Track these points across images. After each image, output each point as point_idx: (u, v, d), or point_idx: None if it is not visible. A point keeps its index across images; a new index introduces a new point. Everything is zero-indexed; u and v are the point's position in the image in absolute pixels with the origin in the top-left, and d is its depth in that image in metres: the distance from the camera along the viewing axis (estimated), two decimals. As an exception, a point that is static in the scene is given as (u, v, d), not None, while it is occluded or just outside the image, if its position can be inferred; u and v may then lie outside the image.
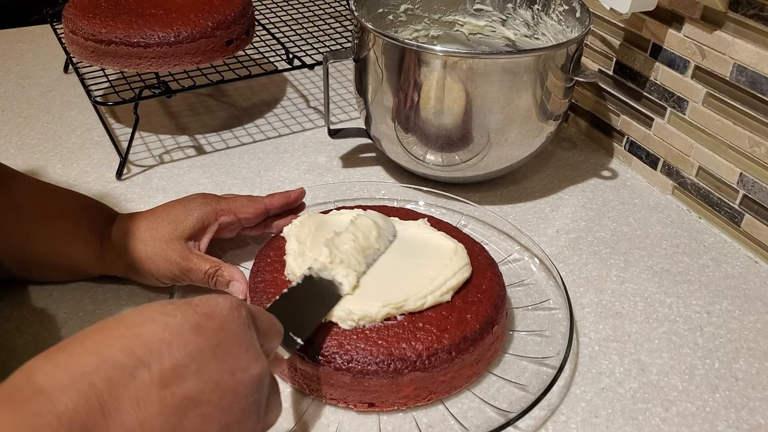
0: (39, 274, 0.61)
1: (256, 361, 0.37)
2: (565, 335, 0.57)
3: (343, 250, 0.54)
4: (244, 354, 0.36)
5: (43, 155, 0.81)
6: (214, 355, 0.34)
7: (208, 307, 0.36)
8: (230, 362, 0.35)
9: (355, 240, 0.56)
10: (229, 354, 0.35)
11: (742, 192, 0.70)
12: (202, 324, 0.35)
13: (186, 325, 0.34)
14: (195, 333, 0.34)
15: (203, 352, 0.34)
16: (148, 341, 0.33)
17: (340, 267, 0.53)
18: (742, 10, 0.65)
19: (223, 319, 0.36)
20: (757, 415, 0.54)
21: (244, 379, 0.35)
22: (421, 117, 0.70)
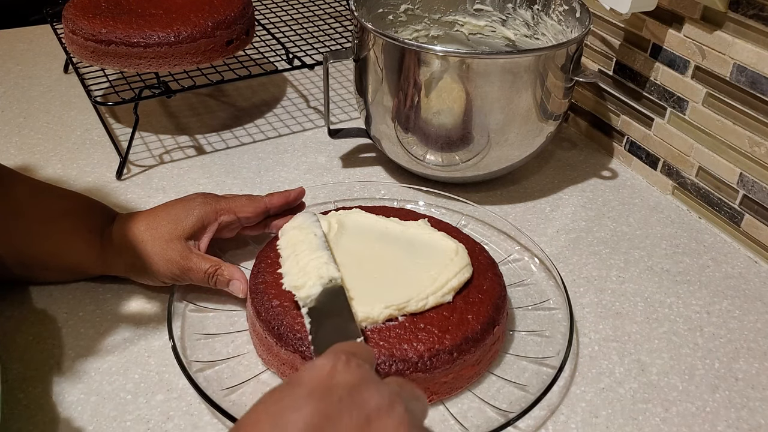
0: (39, 275, 0.61)
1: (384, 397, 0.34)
2: (565, 335, 0.57)
3: (297, 270, 0.53)
4: (369, 397, 0.33)
5: (43, 155, 0.81)
6: (340, 414, 0.32)
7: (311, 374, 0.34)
8: (358, 412, 0.32)
9: (297, 255, 0.55)
10: (353, 404, 0.33)
11: (742, 192, 0.70)
12: (314, 389, 0.33)
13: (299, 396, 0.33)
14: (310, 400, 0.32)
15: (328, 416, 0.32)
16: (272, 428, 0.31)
17: (312, 277, 0.52)
18: (742, 10, 0.65)
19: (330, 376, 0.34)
20: (757, 415, 0.54)
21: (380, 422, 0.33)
22: (421, 117, 0.70)
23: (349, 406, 0.32)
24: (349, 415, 0.32)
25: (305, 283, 0.52)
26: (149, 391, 0.53)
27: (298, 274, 0.53)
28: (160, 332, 0.58)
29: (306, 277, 0.52)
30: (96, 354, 0.56)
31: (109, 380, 0.54)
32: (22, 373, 0.54)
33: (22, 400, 0.52)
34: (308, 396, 0.32)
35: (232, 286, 0.58)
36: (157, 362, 0.55)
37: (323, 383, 0.33)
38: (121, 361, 0.55)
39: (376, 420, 0.32)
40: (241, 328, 0.58)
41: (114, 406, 0.52)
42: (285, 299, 0.54)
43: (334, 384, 0.33)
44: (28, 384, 0.53)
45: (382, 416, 0.32)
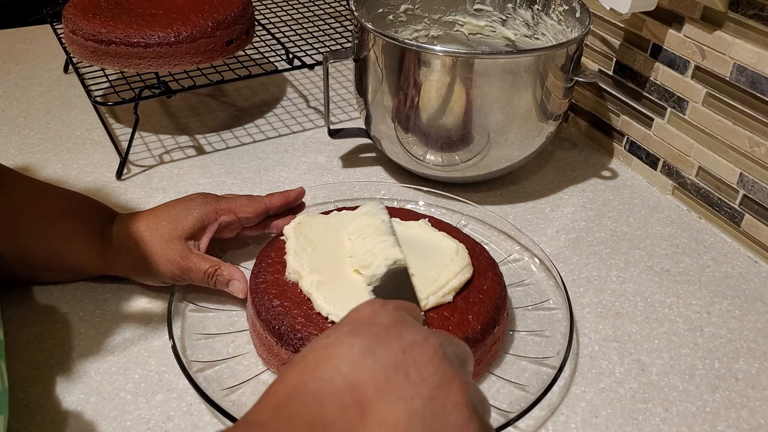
0: (39, 275, 0.61)
1: (420, 332, 0.37)
2: (565, 335, 0.57)
3: (364, 252, 0.55)
4: (405, 332, 0.36)
5: (43, 155, 0.81)
6: (379, 345, 0.35)
7: (352, 315, 0.38)
8: (396, 344, 0.35)
9: (364, 237, 0.57)
10: (390, 338, 0.35)
11: (742, 192, 0.70)
12: (353, 327, 0.36)
13: (341, 335, 0.36)
14: (352, 336, 0.35)
15: (368, 347, 0.35)
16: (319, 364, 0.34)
17: (379, 258, 0.54)
18: (742, 10, 0.65)
19: (370, 316, 0.37)
20: (757, 415, 0.54)
21: (416, 350, 0.35)
22: (421, 117, 0.70)
23: (386, 339, 0.35)
24: (387, 347, 0.35)
25: (371, 263, 0.54)
26: (149, 391, 0.53)
27: (365, 256, 0.55)
28: (160, 332, 0.58)
29: (372, 258, 0.54)
30: (96, 354, 0.56)
31: (109, 380, 0.54)
32: (22, 373, 0.54)
33: (22, 400, 0.52)
34: (349, 333, 0.35)
35: (232, 286, 0.58)
36: (157, 362, 0.55)
37: (363, 323, 0.36)
38: (121, 361, 0.55)
39: (410, 351, 0.35)
40: (241, 328, 0.58)
41: (114, 406, 0.52)
42: (285, 299, 0.54)
43: (373, 323, 0.36)
44: (28, 384, 0.53)
45: (416, 347, 0.35)
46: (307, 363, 0.35)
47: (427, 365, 0.34)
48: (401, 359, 0.34)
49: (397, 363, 0.34)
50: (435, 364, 0.35)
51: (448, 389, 0.34)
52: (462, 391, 0.34)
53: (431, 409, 0.33)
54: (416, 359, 0.34)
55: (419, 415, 0.33)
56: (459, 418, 0.33)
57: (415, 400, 0.33)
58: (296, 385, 0.34)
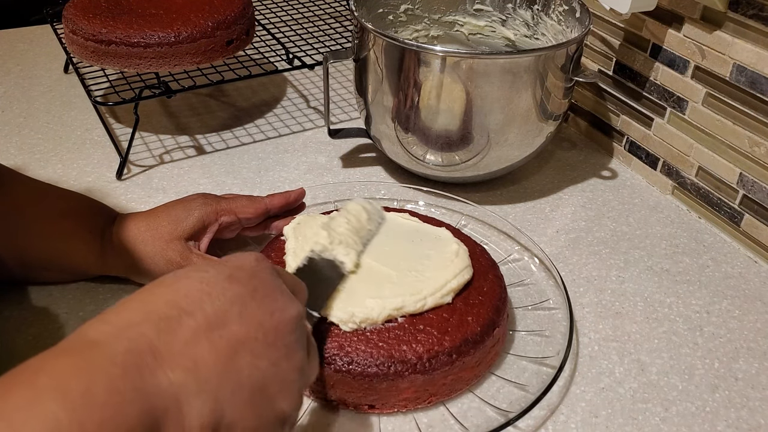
0: (39, 275, 0.61)
1: (291, 303, 0.39)
2: (564, 335, 0.57)
3: (340, 232, 0.56)
4: (279, 297, 0.38)
5: (43, 155, 0.81)
6: (253, 299, 0.37)
7: (237, 261, 0.39)
8: (268, 304, 0.37)
9: (348, 222, 0.58)
10: (265, 297, 0.37)
11: (742, 192, 0.70)
12: (234, 275, 0.37)
13: (220, 276, 0.37)
14: (230, 282, 0.37)
15: (242, 297, 0.36)
16: (188, 294, 0.35)
17: (339, 247, 0.55)
18: (742, 10, 0.65)
19: (253, 269, 0.39)
20: (757, 415, 0.54)
21: (284, 318, 0.38)
22: (421, 117, 0.70)
23: (261, 297, 0.37)
24: (259, 304, 0.37)
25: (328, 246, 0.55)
26: (149, 391, 0.53)
27: (331, 235, 0.56)
28: (160, 332, 0.58)
29: (336, 244, 0.55)
30: (96, 354, 0.56)
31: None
32: (22, 373, 0.54)
33: (22, 400, 0.52)
34: (228, 278, 0.37)
35: (232, 285, 0.58)
36: (157, 362, 0.55)
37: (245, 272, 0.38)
38: (121, 361, 0.55)
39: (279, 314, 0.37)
40: (241, 328, 0.58)
41: (114, 406, 0.52)
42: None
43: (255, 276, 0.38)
44: (28, 384, 0.53)
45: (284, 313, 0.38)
46: (176, 290, 0.36)
47: (285, 335, 0.37)
48: (267, 320, 0.37)
49: (262, 322, 0.36)
50: (292, 338, 0.38)
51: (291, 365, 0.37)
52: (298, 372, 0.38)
53: (272, 373, 0.36)
54: (279, 326, 0.37)
55: (261, 373, 0.35)
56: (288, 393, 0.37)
57: (262, 360, 0.36)
58: (153, 306, 0.34)
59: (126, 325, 0.33)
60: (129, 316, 0.34)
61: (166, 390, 0.31)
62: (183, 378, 0.32)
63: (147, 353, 0.32)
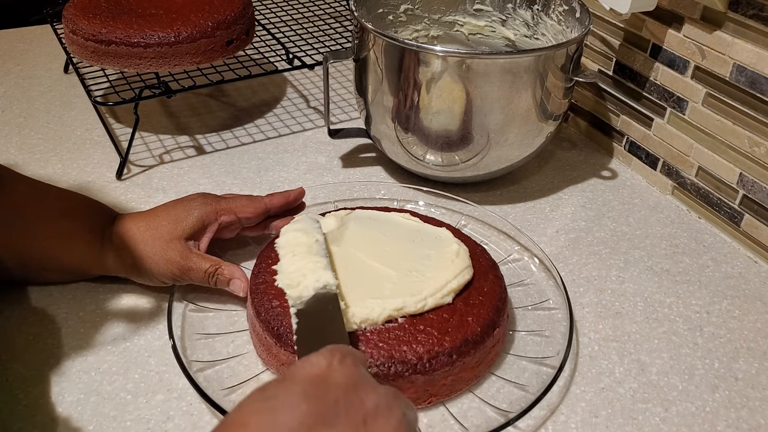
0: (39, 275, 0.61)
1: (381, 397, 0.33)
2: (564, 335, 0.57)
3: (295, 269, 0.53)
4: (366, 397, 0.32)
5: (43, 155, 0.81)
6: (338, 414, 0.31)
7: (305, 372, 0.33)
8: (356, 412, 0.31)
9: (293, 255, 0.54)
10: (351, 405, 0.31)
11: (742, 192, 0.70)
12: (308, 391, 0.31)
13: (293, 399, 0.31)
14: (306, 402, 0.31)
15: (326, 417, 0.30)
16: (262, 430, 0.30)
17: (306, 279, 0.52)
18: (742, 10, 0.65)
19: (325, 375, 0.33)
20: (757, 415, 0.54)
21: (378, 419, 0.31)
22: (421, 117, 0.70)
23: (345, 406, 0.31)
24: (346, 416, 0.31)
25: (299, 284, 0.52)
26: (149, 391, 0.53)
27: (293, 274, 0.53)
28: (160, 332, 0.58)
29: (301, 278, 0.52)
30: (96, 354, 0.56)
31: (109, 380, 0.54)
32: (22, 373, 0.54)
33: (21, 400, 0.52)
34: (302, 395, 0.31)
35: (233, 285, 0.58)
36: (157, 362, 0.56)
37: (318, 382, 0.32)
38: (121, 361, 0.55)
39: (372, 421, 0.31)
40: (241, 328, 0.58)
41: (114, 406, 0.52)
42: (285, 300, 0.54)
43: (330, 383, 0.32)
44: (27, 384, 0.53)
45: (379, 417, 0.31)
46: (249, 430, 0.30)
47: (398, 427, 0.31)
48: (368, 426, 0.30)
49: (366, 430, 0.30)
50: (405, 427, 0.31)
51: None
52: None
53: None
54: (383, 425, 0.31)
55: None
56: None
57: None
58: None
59: None
60: None
61: None
62: None
63: None
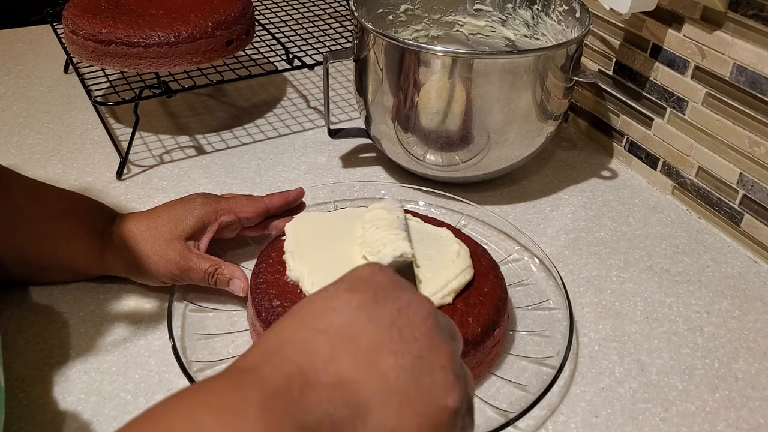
0: (39, 275, 0.61)
1: (414, 295, 0.38)
2: (564, 335, 0.57)
3: (377, 238, 0.56)
4: (401, 293, 0.37)
5: (43, 155, 0.81)
6: (376, 302, 0.36)
7: (354, 272, 0.38)
8: (393, 303, 0.36)
9: (377, 227, 0.57)
10: (388, 297, 0.36)
11: (742, 192, 0.70)
12: (353, 285, 0.37)
13: (340, 289, 0.37)
14: (351, 292, 0.36)
15: (366, 303, 0.36)
16: (314, 314, 0.35)
17: (387, 248, 0.54)
18: (742, 10, 0.65)
19: (370, 274, 0.38)
20: (757, 415, 0.54)
21: (411, 310, 0.36)
22: (421, 117, 0.70)
23: (383, 297, 0.36)
24: (384, 304, 0.36)
25: (379, 252, 0.54)
26: (149, 391, 0.53)
27: (374, 244, 0.55)
28: (160, 332, 0.58)
29: (381, 247, 0.54)
30: (96, 354, 0.56)
31: (109, 380, 0.54)
32: (22, 372, 0.54)
33: (22, 400, 0.52)
34: (348, 288, 0.36)
35: (233, 284, 0.58)
36: (157, 362, 0.56)
37: (362, 280, 0.37)
38: (121, 361, 0.55)
39: (405, 311, 0.36)
40: (241, 328, 0.58)
41: (114, 406, 0.52)
42: (286, 299, 0.54)
43: (372, 281, 0.37)
44: (28, 384, 0.53)
45: (411, 308, 0.36)
46: (304, 314, 0.36)
47: (419, 326, 0.36)
48: (396, 317, 0.36)
49: (392, 321, 0.35)
50: (428, 326, 0.36)
51: (437, 352, 0.35)
52: (449, 357, 0.36)
53: (420, 366, 0.34)
54: (411, 319, 0.36)
55: (408, 371, 0.34)
56: (444, 380, 0.35)
57: (405, 357, 0.34)
58: (290, 334, 0.35)
59: (268, 353, 0.33)
60: (268, 347, 0.34)
61: (316, 408, 0.31)
62: (329, 396, 0.32)
63: (294, 375, 0.32)
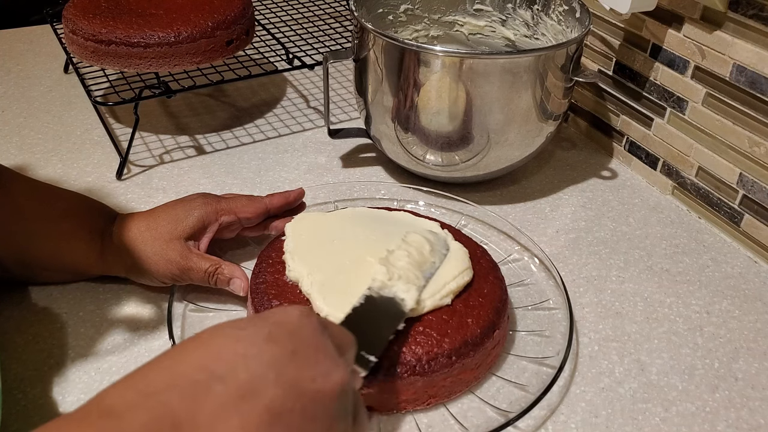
0: (40, 275, 0.61)
1: (336, 367, 0.35)
2: (564, 335, 0.57)
3: (400, 266, 0.53)
4: (322, 359, 0.34)
5: (43, 155, 0.81)
6: (291, 362, 0.32)
7: (278, 316, 0.35)
8: (309, 368, 0.33)
9: (409, 256, 0.54)
10: (306, 360, 0.33)
11: (742, 192, 0.70)
12: (274, 332, 0.33)
13: (258, 335, 0.33)
14: (268, 342, 0.33)
15: (279, 360, 0.32)
16: (221, 354, 0.32)
17: (399, 283, 0.51)
18: (742, 10, 0.65)
19: (295, 325, 0.35)
20: (757, 415, 0.54)
21: (326, 385, 0.33)
22: (421, 117, 0.70)
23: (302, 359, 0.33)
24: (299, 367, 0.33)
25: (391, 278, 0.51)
26: (149, 391, 0.53)
27: (395, 269, 0.52)
28: (160, 332, 0.58)
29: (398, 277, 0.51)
30: (96, 354, 0.56)
31: (109, 380, 0.54)
32: (21, 373, 0.54)
33: (20, 401, 0.52)
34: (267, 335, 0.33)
35: (233, 284, 0.58)
36: (156, 362, 0.55)
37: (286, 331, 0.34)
38: (121, 362, 0.55)
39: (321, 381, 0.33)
40: (240, 328, 0.58)
41: (114, 406, 0.52)
42: (285, 299, 0.54)
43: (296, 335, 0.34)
44: (27, 384, 0.53)
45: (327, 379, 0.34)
46: (210, 349, 0.32)
47: (326, 406, 0.33)
48: (308, 386, 0.32)
49: (302, 390, 0.32)
50: (334, 408, 0.33)
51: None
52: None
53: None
54: (320, 394, 0.33)
55: None
56: None
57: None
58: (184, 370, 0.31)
59: (149, 391, 0.30)
60: (155, 380, 0.30)
61: None
62: None
63: (168, 427, 0.29)
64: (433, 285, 0.54)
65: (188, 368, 0.31)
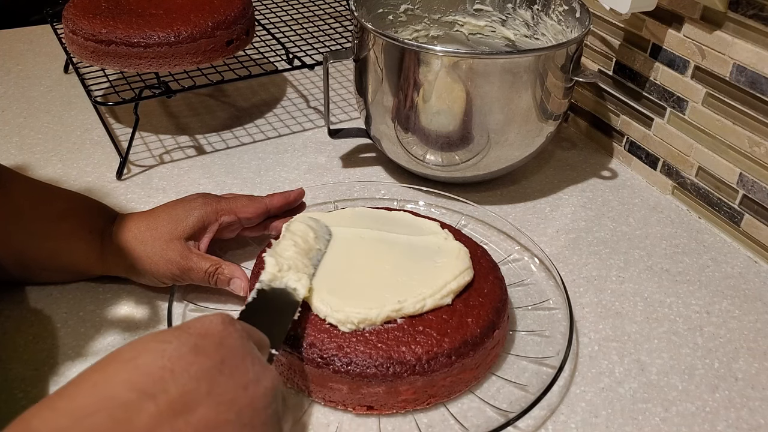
0: (40, 275, 0.61)
1: (265, 371, 0.35)
2: (564, 335, 0.57)
3: (288, 257, 0.54)
4: (251, 366, 0.34)
5: (43, 155, 0.81)
6: (221, 373, 0.32)
7: (201, 327, 0.35)
8: (240, 377, 0.33)
9: (295, 245, 0.55)
10: (236, 369, 0.33)
11: (742, 192, 0.70)
12: (199, 344, 0.33)
13: (184, 348, 0.32)
14: (195, 354, 0.32)
15: (209, 372, 0.32)
16: (148, 371, 0.31)
17: (290, 273, 0.52)
18: (742, 10, 0.65)
19: (220, 335, 0.34)
20: (757, 415, 0.54)
21: (258, 391, 0.33)
22: (421, 117, 0.70)
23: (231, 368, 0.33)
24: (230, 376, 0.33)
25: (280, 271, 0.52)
26: (149, 391, 0.53)
27: (282, 260, 0.53)
28: (160, 332, 0.58)
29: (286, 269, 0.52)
30: (96, 354, 0.56)
31: (108, 380, 0.54)
32: (21, 372, 0.54)
33: (20, 400, 0.52)
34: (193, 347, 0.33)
35: (233, 284, 0.58)
36: (156, 362, 0.55)
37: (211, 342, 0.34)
38: (121, 361, 0.55)
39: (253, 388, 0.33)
40: (240, 328, 0.58)
41: (114, 406, 0.52)
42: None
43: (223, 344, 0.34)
44: (26, 384, 0.53)
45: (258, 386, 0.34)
46: (137, 367, 0.31)
47: (260, 413, 0.33)
48: (240, 395, 0.32)
49: (234, 398, 0.32)
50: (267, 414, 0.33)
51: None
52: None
53: None
54: (254, 401, 0.32)
55: None
56: None
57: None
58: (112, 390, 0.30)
59: (79, 415, 0.29)
60: (82, 402, 0.29)
61: None
62: None
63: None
64: (433, 284, 0.54)
65: (117, 388, 0.30)
